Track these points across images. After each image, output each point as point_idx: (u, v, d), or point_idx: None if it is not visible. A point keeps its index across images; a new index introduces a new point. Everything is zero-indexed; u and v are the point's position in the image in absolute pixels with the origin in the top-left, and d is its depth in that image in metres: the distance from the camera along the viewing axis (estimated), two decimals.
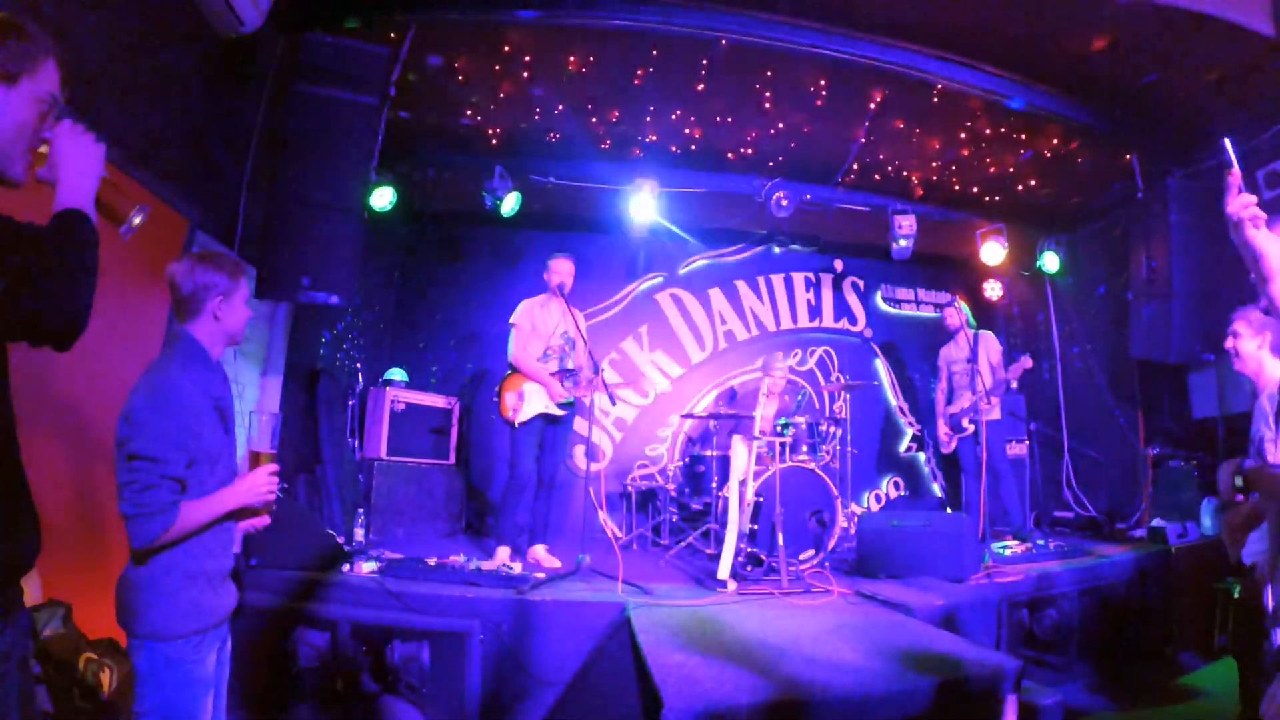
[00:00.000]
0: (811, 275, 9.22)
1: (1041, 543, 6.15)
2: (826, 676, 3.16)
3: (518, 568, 5.00)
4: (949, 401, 7.29)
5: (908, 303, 9.49)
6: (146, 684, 2.21)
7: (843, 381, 7.49)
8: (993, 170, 7.62)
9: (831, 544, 5.75)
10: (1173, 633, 5.72)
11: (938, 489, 8.84)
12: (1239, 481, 3.56)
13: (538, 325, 5.68)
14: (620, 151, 7.51)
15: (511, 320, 5.69)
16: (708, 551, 6.33)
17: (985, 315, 8.71)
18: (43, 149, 1.66)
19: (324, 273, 4.95)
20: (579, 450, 8.00)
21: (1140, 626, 5.61)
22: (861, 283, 9.34)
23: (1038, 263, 8.29)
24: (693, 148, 7.41)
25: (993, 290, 8.97)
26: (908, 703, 3.09)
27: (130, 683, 2.38)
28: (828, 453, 6.51)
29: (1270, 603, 3.14)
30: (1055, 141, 6.96)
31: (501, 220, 7.32)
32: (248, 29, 4.49)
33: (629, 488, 7.80)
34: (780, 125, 6.92)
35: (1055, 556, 5.81)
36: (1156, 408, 7.47)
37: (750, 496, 5.42)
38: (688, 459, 7.36)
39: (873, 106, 6.40)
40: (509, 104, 6.63)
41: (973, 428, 6.73)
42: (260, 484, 2.42)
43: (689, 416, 8.05)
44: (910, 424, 9.11)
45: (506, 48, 5.84)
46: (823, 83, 6.22)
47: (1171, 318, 6.35)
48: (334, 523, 5.80)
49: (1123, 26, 5.34)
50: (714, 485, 6.54)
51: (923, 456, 8.99)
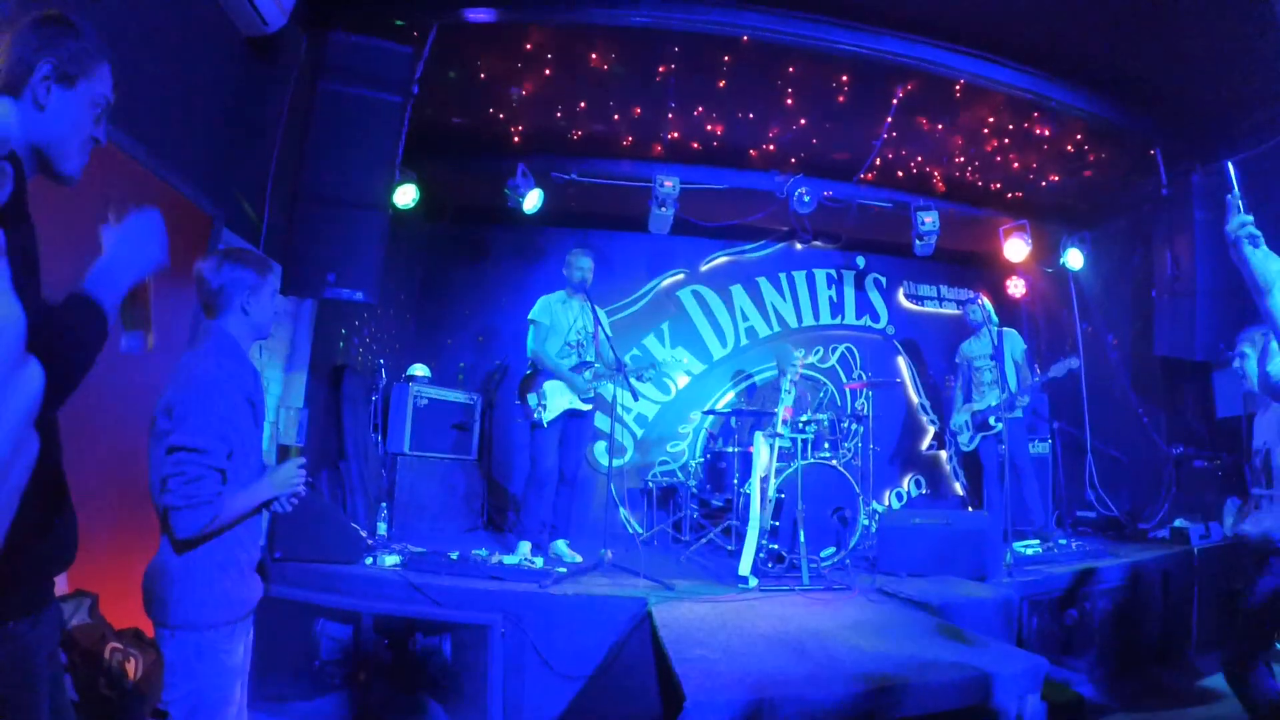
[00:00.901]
0: (834, 272, 9.20)
1: (1064, 542, 6.11)
2: (847, 673, 3.16)
3: (539, 562, 5.04)
4: (967, 398, 7.24)
5: (930, 300, 9.44)
6: (177, 673, 2.25)
7: (865, 379, 7.48)
8: (1016, 166, 7.56)
9: (853, 541, 5.74)
10: (1194, 635, 5.67)
11: (959, 487, 8.79)
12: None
13: (557, 321, 5.70)
14: (642, 148, 7.51)
15: (530, 317, 5.71)
16: (728, 548, 6.34)
17: (1008, 312, 8.65)
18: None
19: (348, 269, 4.98)
20: (600, 446, 8.03)
21: (1162, 628, 5.57)
22: (884, 279, 9.30)
23: (1061, 259, 8.22)
24: (714, 144, 7.39)
25: (1016, 287, 8.90)
26: (929, 699, 3.09)
27: (155, 672, 2.43)
28: (849, 450, 6.49)
29: None
30: (1079, 137, 6.90)
31: (524, 217, 7.34)
32: (271, 29, 4.52)
33: (650, 484, 7.82)
34: (802, 121, 6.90)
35: (1077, 556, 5.76)
36: (1180, 407, 7.38)
37: (772, 493, 5.42)
38: (709, 455, 7.36)
39: (895, 102, 6.36)
40: (531, 101, 6.65)
41: (1000, 426, 6.68)
42: (292, 476, 2.47)
43: (710, 413, 8.05)
44: (932, 422, 9.07)
45: (528, 46, 5.86)
46: (845, 79, 6.20)
47: (1196, 315, 6.28)
48: (357, 517, 5.85)
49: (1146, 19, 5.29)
50: (735, 481, 6.54)
51: (944, 454, 8.94)
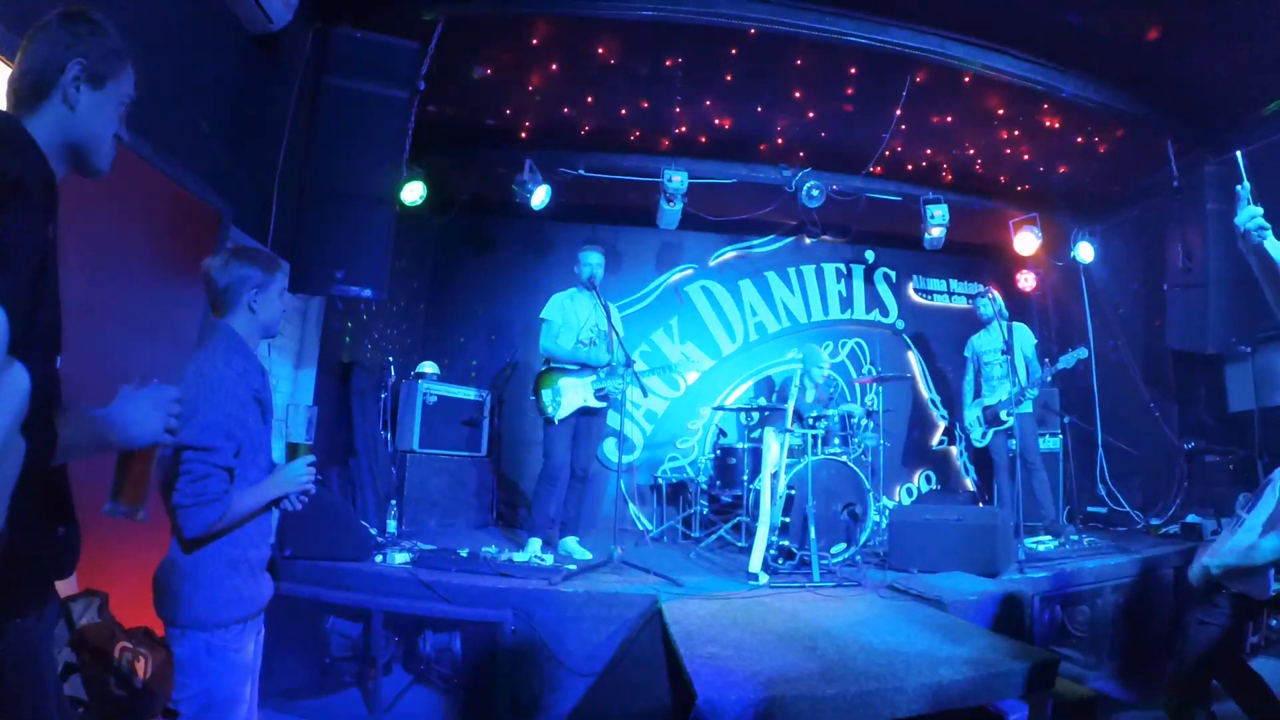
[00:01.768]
0: (843, 266, 9.17)
1: (1075, 537, 6.08)
2: (858, 670, 3.15)
3: (550, 559, 5.03)
4: (977, 393, 7.21)
5: (940, 294, 9.40)
6: (188, 672, 2.25)
7: (875, 374, 7.44)
8: (1026, 158, 7.52)
9: (863, 537, 5.71)
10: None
11: (970, 482, 8.75)
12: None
13: (569, 319, 5.69)
14: (649, 143, 7.50)
15: (543, 315, 5.72)
16: (738, 544, 6.32)
17: (1019, 306, 8.61)
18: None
19: (356, 266, 4.98)
20: (610, 443, 8.02)
21: (1173, 623, 5.53)
22: (893, 273, 9.26)
23: (1072, 252, 8.17)
24: (722, 138, 7.37)
25: (1026, 281, 8.87)
26: (941, 697, 3.07)
27: (165, 671, 2.42)
28: (859, 445, 6.47)
29: None
30: (1089, 129, 6.85)
31: (531, 213, 7.33)
32: (277, 26, 4.52)
33: (659, 480, 7.81)
34: (810, 114, 6.87)
35: (1088, 552, 5.74)
36: (1192, 400, 7.33)
37: (782, 489, 5.40)
38: (718, 451, 7.35)
39: (904, 94, 6.32)
40: (538, 96, 6.64)
41: (1011, 420, 6.65)
42: (301, 474, 2.47)
43: (720, 409, 8.04)
44: (942, 417, 9.03)
45: (535, 40, 5.84)
46: (853, 71, 6.17)
47: (1208, 308, 6.23)
48: (367, 514, 5.86)
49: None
50: (745, 478, 6.52)
51: (955, 449, 8.91)
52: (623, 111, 6.92)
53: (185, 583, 2.25)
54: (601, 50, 5.98)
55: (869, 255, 9.19)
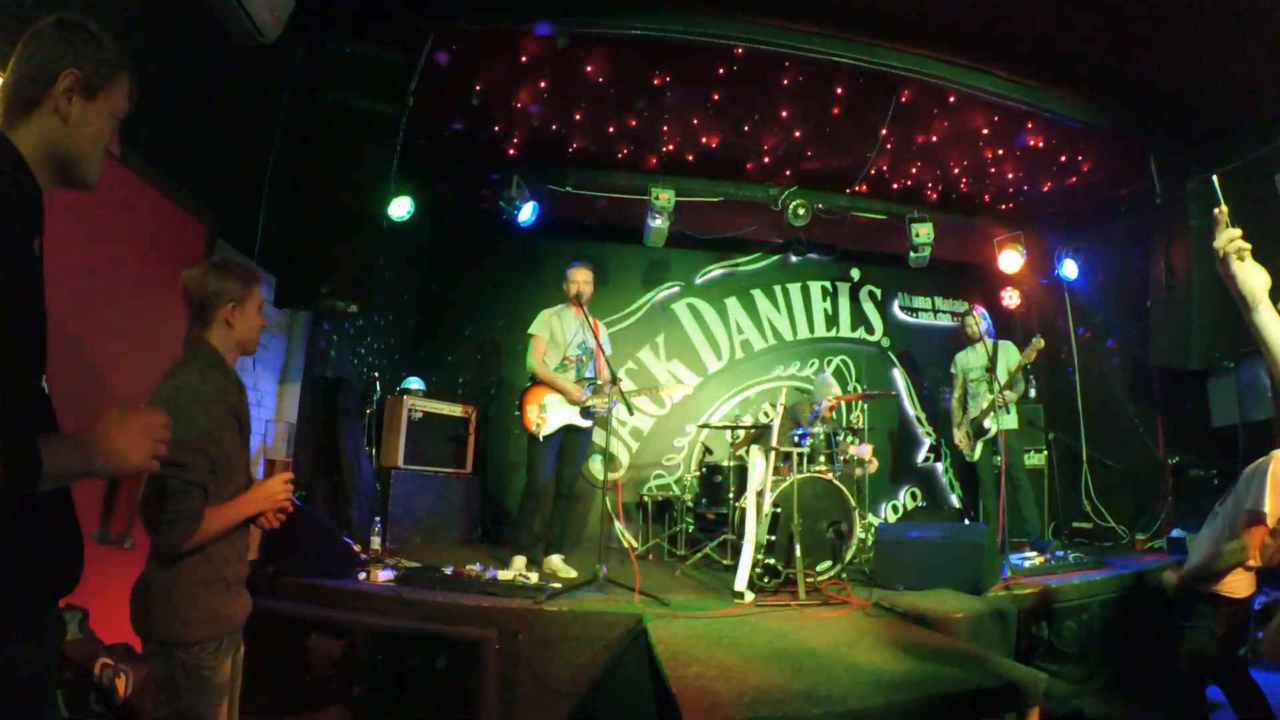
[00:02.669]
0: (828, 284, 9.21)
1: (1060, 554, 6.09)
2: (844, 689, 3.14)
3: (534, 577, 5.00)
4: (965, 410, 7.24)
5: (925, 311, 9.45)
6: (163, 690, 2.22)
7: (860, 391, 7.47)
8: (1010, 176, 7.58)
9: (849, 555, 5.71)
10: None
11: (956, 499, 8.77)
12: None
13: (556, 336, 5.68)
14: (637, 160, 7.53)
15: (530, 331, 5.70)
16: (724, 562, 6.30)
17: (1004, 323, 8.65)
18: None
19: (343, 281, 4.96)
20: (596, 461, 8.00)
21: (1160, 638, 5.54)
22: (879, 291, 9.31)
23: (1056, 269, 8.23)
24: (709, 156, 7.40)
25: (1011, 298, 8.92)
26: (927, 715, 3.07)
27: (146, 688, 2.40)
28: (846, 463, 6.47)
29: None
30: (1072, 146, 6.92)
31: (519, 229, 7.33)
32: (267, 40, 4.52)
33: (645, 498, 7.79)
34: (797, 133, 6.92)
35: (1074, 568, 5.75)
36: (1176, 415, 7.37)
37: (768, 507, 5.39)
38: (705, 469, 7.34)
39: (889, 114, 6.37)
40: (526, 112, 6.65)
41: (995, 429, 6.65)
42: (278, 491, 2.43)
43: (706, 426, 8.03)
44: (928, 434, 9.06)
45: (524, 57, 5.86)
46: (839, 90, 6.21)
47: (1191, 324, 6.27)
48: (351, 530, 5.81)
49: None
50: (731, 496, 6.51)
51: (941, 466, 8.93)
52: (611, 129, 6.94)
53: (158, 600, 2.22)
54: (590, 68, 6.01)
55: (855, 273, 9.24)
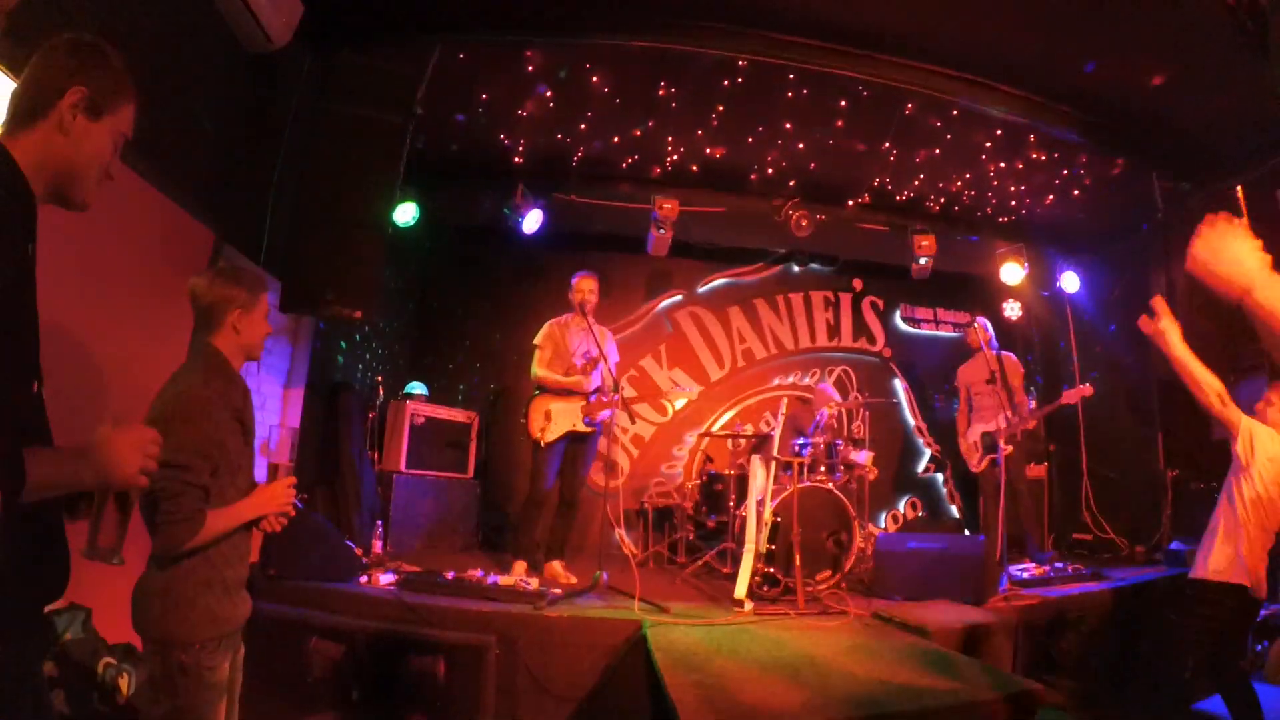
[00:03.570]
0: (830, 294, 9.22)
1: (1060, 565, 6.09)
2: (842, 699, 3.15)
3: (535, 583, 5.01)
4: (970, 421, 7.23)
5: (927, 322, 9.46)
6: (161, 689, 2.24)
7: (861, 399, 7.48)
8: (1012, 190, 7.60)
9: (849, 565, 5.72)
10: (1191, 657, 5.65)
11: (956, 510, 8.78)
12: None
13: (560, 346, 5.72)
14: (641, 170, 7.56)
15: (535, 341, 5.75)
16: (724, 570, 6.30)
17: (1005, 336, 8.66)
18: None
19: (348, 287, 4.99)
20: (597, 468, 8.02)
21: (1159, 650, 5.55)
22: (880, 302, 9.33)
23: (1057, 283, 8.25)
24: (713, 167, 7.44)
25: (1012, 310, 8.94)
26: None
27: (148, 687, 2.41)
28: (845, 473, 6.48)
29: None
30: (1075, 161, 6.94)
31: (523, 238, 7.37)
32: (276, 46, 4.56)
33: (646, 505, 7.80)
34: (800, 145, 6.94)
35: (1073, 580, 5.75)
36: (1176, 429, 7.37)
37: (768, 516, 5.41)
38: (705, 477, 7.35)
39: (893, 127, 6.40)
40: (531, 122, 6.69)
41: (1011, 449, 6.65)
42: (280, 494, 2.46)
43: (707, 435, 8.05)
44: (929, 444, 9.06)
45: (530, 68, 5.90)
46: (843, 104, 6.25)
47: (1191, 338, 6.27)
48: (352, 534, 5.83)
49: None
50: (731, 504, 6.53)
51: (941, 477, 8.94)
52: (615, 140, 6.98)
53: (158, 600, 2.25)
54: (595, 79, 6.05)
55: (857, 283, 9.25)
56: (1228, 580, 3.80)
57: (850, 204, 7.88)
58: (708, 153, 7.19)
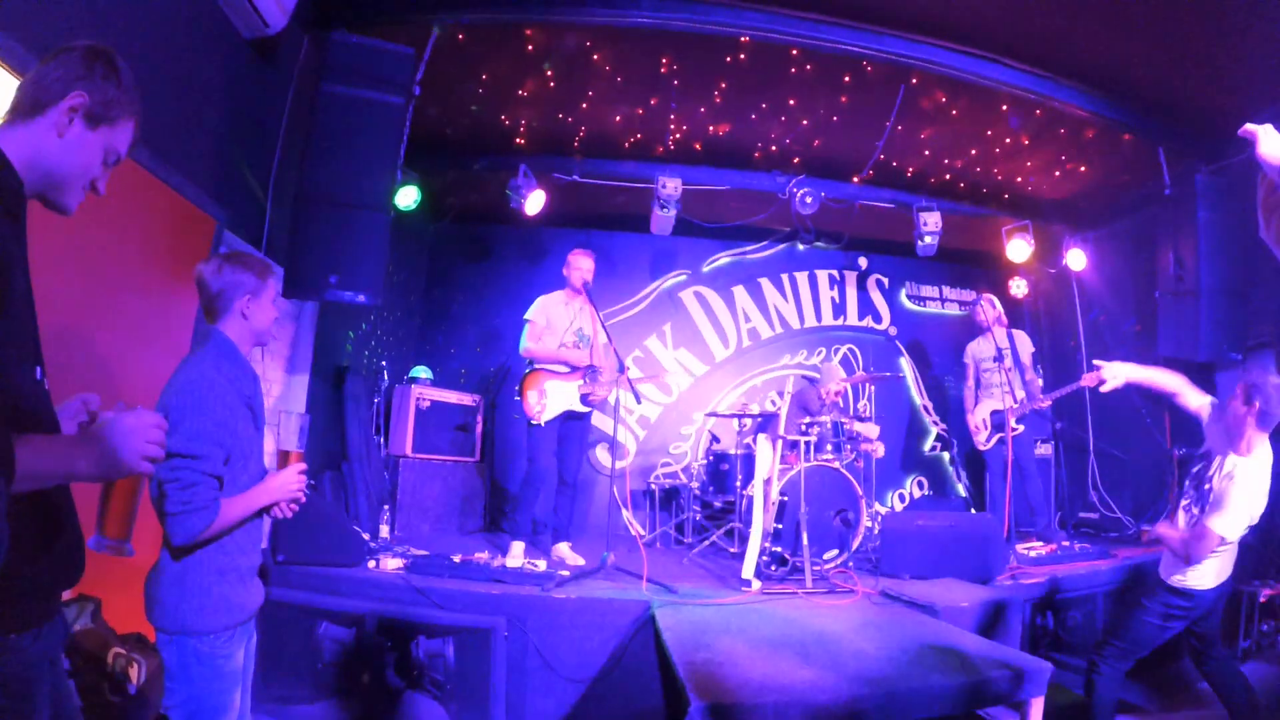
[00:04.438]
0: (836, 272, 9.19)
1: (1067, 544, 6.09)
2: (850, 676, 3.16)
3: (542, 565, 5.03)
4: (978, 399, 7.21)
5: (933, 300, 9.42)
6: (176, 679, 2.24)
7: (867, 374, 7.46)
8: (1018, 166, 7.54)
9: (856, 543, 5.73)
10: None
11: (962, 489, 8.77)
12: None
13: (553, 321, 5.70)
14: (644, 149, 7.50)
15: (526, 316, 5.71)
16: (731, 550, 6.33)
17: (1012, 313, 8.63)
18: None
19: (351, 271, 4.96)
20: (602, 448, 8.03)
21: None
22: (886, 280, 9.29)
23: (1064, 260, 8.21)
24: (717, 145, 7.38)
25: (1019, 288, 8.89)
26: (933, 703, 3.08)
27: (159, 677, 2.42)
28: (851, 443, 6.47)
29: None
30: (1082, 137, 6.87)
31: (526, 219, 7.33)
32: (272, 30, 4.52)
33: (652, 485, 7.82)
34: (804, 121, 6.88)
35: (1080, 558, 5.75)
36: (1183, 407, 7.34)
37: (775, 495, 5.41)
38: (711, 457, 7.36)
39: (898, 102, 6.34)
40: (533, 102, 6.64)
41: (1021, 428, 6.64)
42: (291, 481, 2.46)
43: (713, 414, 8.04)
44: (935, 423, 9.05)
45: (530, 47, 5.85)
46: (847, 79, 6.18)
47: (1199, 316, 6.24)
48: (360, 519, 5.85)
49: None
50: (738, 484, 6.53)
51: (947, 456, 8.93)
52: (618, 118, 6.92)
53: (173, 589, 2.25)
54: (597, 57, 5.99)
55: (862, 262, 9.20)
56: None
57: (855, 180, 7.82)
58: (711, 130, 7.13)
